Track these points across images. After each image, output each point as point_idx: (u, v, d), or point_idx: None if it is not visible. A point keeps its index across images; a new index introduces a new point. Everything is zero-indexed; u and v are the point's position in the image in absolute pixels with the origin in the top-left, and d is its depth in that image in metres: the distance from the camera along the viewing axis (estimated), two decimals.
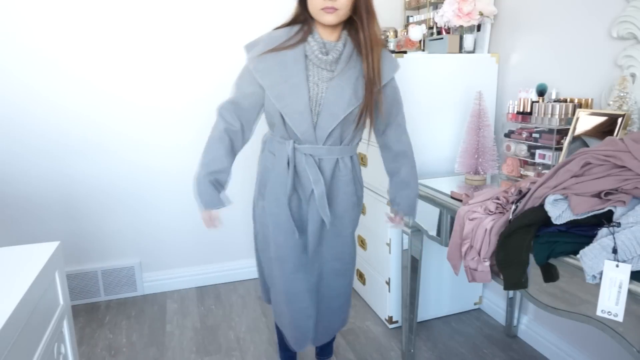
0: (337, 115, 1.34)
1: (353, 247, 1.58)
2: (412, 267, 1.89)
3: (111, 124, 2.39)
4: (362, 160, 2.28)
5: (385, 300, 2.23)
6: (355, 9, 1.31)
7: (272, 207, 1.44)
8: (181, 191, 2.57)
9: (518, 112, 1.80)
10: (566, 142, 1.55)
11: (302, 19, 1.36)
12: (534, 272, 1.19)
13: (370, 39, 1.33)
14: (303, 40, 1.34)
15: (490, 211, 1.29)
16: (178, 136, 2.51)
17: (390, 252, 2.12)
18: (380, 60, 1.36)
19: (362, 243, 2.41)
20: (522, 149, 1.77)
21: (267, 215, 1.47)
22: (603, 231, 0.99)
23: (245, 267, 2.75)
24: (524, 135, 1.74)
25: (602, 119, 1.46)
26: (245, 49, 1.39)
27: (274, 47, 1.33)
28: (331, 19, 1.28)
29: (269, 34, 1.38)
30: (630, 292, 0.93)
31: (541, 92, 1.74)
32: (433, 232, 1.71)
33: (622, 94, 1.45)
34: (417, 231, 1.83)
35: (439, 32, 2.19)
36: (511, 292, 2.08)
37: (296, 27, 1.37)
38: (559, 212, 1.06)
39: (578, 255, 1.00)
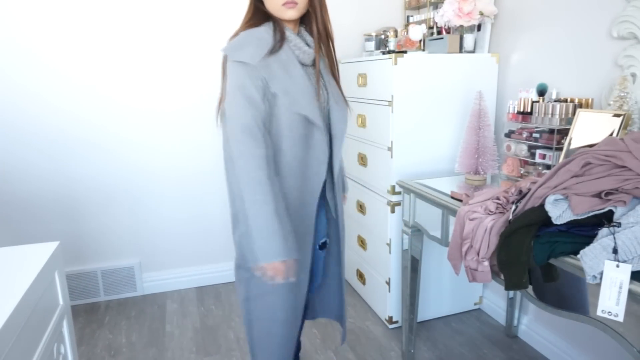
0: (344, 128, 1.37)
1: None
2: (412, 267, 1.89)
3: (111, 124, 2.39)
4: (362, 160, 2.28)
5: (385, 300, 2.22)
6: (310, 1, 1.28)
7: None
8: (181, 191, 2.57)
9: (518, 112, 1.79)
10: (566, 142, 1.55)
11: (265, 16, 1.28)
12: (533, 272, 1.19)
13: (325, 31, 1.32)
14: (283, 38, 1.26)
15: (490, 211, 1.29)
16: (177, 136, 2.51)
17: (390, 252, 2.12)
18: (335, 52, 1.37)
19: (362, 243, 2.40)
20: (523, 149, 1.77)
21: None
22: (603, 231, 0.98)
23: None
24: (524, 135, 1.74)
25: (603, 118, 1.46)
26: (232, 53, 1.21)
27: (271, 48, 1.21)
28: (293, 13, 1.24)
29: (252, 35, 1.24)
30: (630, 292, 0.93)
31: (541, 92, 1.74)
32: (433, 232, 1.71)
33: (622, 94, 1.44)
34: (417, 231, 1.83)
35: (439, 32, 2.19)
36: (511, 292, 2.08)
37: (271, 25, 1.26)
38: (560, 212, 1.06)
39: (578, 256, 1.00)
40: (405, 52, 2.12)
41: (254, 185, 1.16)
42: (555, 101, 1.69)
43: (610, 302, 0.94)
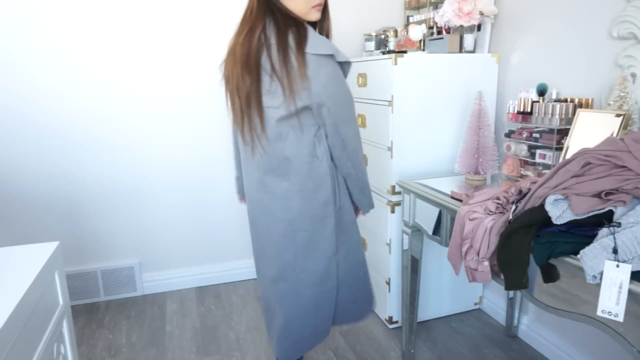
0: None
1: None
2: (412, 267, 1.89)
3: (110, 123, 2.39)
4: None
5: (385, 300, 2.22)
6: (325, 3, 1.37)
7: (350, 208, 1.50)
8: (181, 191, 2.57)
9: (518, 112, 1.79)
10: (566, 142, 1.55)
11: (288, 17, 1.27)
12: (534, 272, 1.19)
13: (330, 27, 1.41)
14: None
15: (490, 211, 1.29)
16: (178, 136, 2.51)
17: (390, 252, 2.12)
18: None
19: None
20: (523, 149, 1.77)
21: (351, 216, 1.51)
22: (603, 231, 0.98)
23: (245, 267, 2.75)
24: (524, 135, 1.74)
25: (603, 118, 1.46)
26: (337, 55, 1.25)
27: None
28: (319, 15, 1.32)
29: (319, 34, 1.30)
30: (630, 292, 0.93)
31: (541, 92, 1.74)
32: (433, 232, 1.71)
33: (622, 94, 1.44)
34: (417, 231, 1.83)
35: (439, 32, 2.19)
36: (511, 292, 2.08)
37: (307, 26, 1.28)
38: (560, 212, 1.06)
39: (578, 256, 1.00)
40: (405, 52, 2.12)
41: (362, 162, 1.44)
42: (555, 101, 1.69)
43: (610, 302, 0.94)
